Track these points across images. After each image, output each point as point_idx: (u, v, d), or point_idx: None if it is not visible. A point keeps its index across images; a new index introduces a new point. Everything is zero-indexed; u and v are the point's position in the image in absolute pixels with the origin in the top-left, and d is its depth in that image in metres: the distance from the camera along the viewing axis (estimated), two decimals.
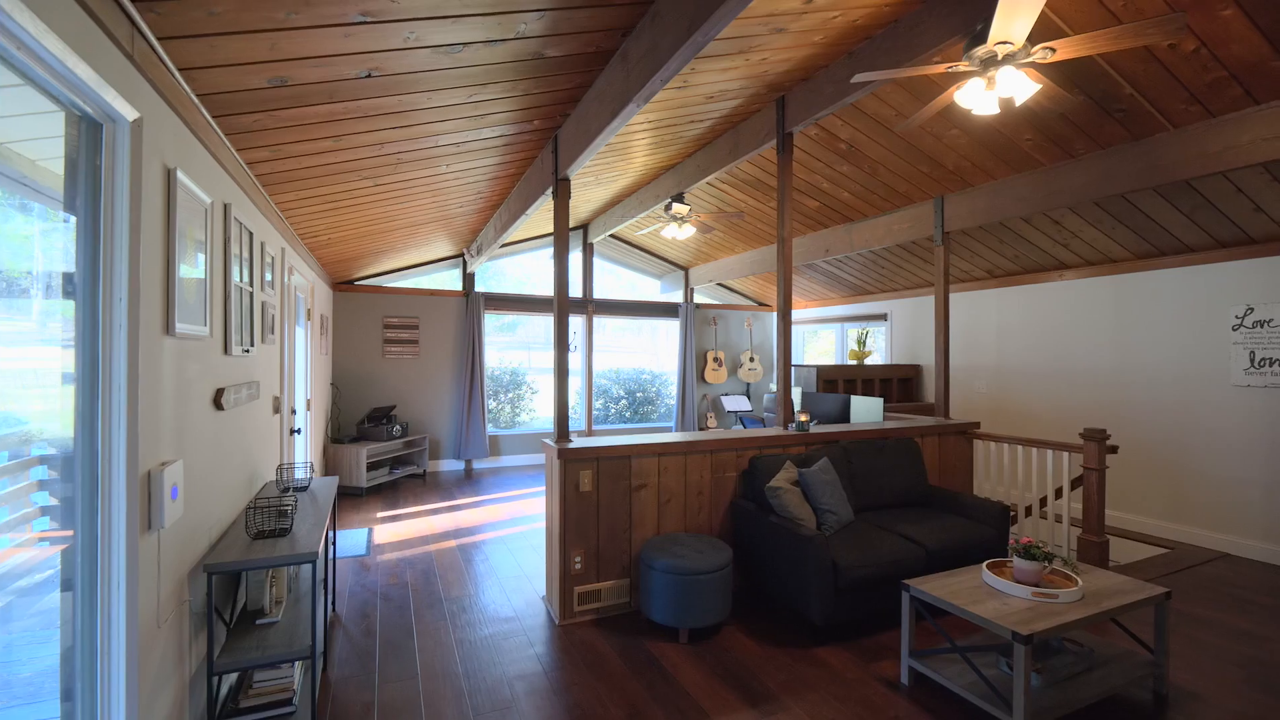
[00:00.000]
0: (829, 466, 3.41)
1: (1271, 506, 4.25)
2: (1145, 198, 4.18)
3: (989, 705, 2.23)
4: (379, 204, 4.14)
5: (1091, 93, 3.28)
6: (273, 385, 3.42)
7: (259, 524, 2.30)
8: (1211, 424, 4.58)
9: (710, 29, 2.06)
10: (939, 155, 4.28)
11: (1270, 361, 4.26)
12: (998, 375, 6.22)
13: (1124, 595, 2.45)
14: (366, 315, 6.81)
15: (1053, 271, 5.67)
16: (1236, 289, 4.47)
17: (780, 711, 2.38)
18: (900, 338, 7.49)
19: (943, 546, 3.19)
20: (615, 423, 8.60)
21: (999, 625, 2.19)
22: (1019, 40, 2.34)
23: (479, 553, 4.26)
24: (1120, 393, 5.16)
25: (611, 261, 8.66)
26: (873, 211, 5.46)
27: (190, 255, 2.00)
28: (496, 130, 3.37)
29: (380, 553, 4.23)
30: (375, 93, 2.49)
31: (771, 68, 3.36)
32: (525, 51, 2.49)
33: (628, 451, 3.28)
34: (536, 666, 2.72)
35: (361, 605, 3.36)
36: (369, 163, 3.28)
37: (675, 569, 2.89)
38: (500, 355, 7.86)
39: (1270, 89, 2.94)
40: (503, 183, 4.49)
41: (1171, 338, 4.83)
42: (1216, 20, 2.65)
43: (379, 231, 4.94)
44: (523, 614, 3.27)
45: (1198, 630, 3.12)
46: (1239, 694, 2.52)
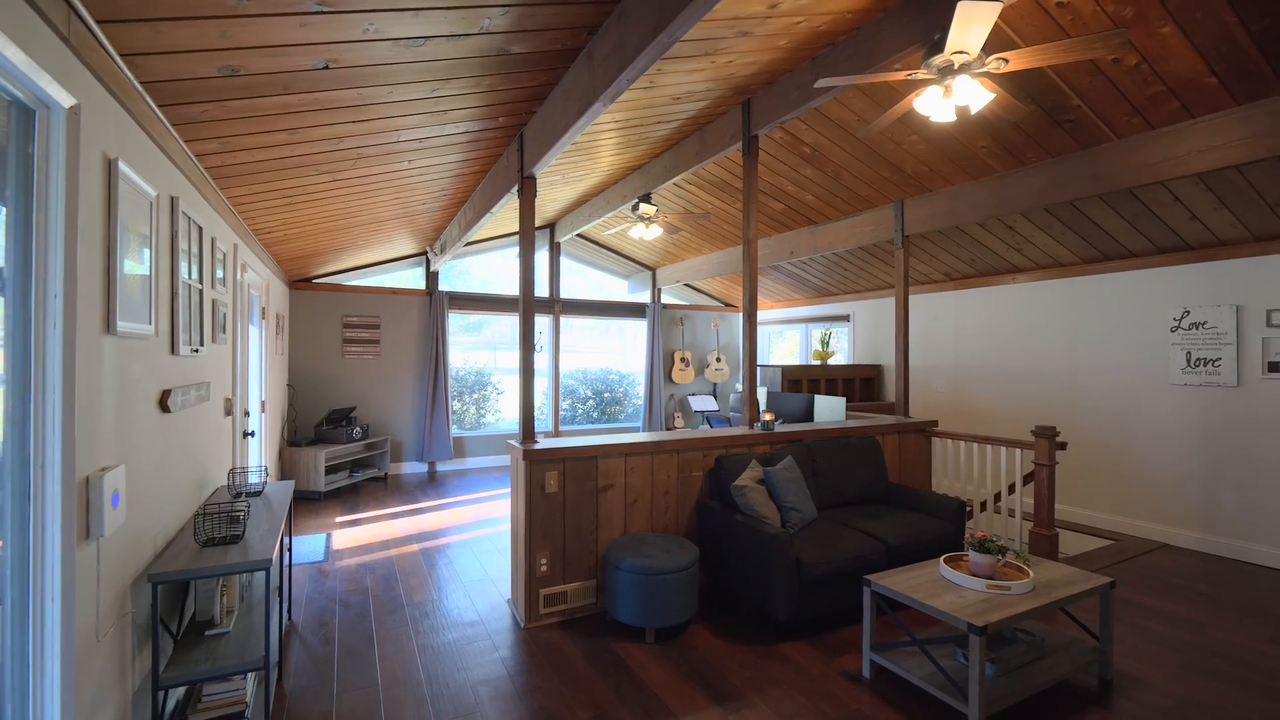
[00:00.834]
0: (793, 465, 3.46)
1: (1207, 499, 4.49)
2: (1092, 205, 4.37)
3: (946, 695, 2.29)
4: (338, 200, 4.03)
5: (1042, 103, 3.40)
6: (224, 386, 3.29)
7: (209, 531, 2.21)
8: (1152, 421, 4.81)
9: (676, 30, 2.07)
10: (899, 160, 4.39)
11: (1205, 361, 4.50)
12: (955, 375, 6.41)
13: (1072, 586, 2.55)
14: (325, 314, 6.62)
15: (1006, 275, 5.87)
16: (1174, 293, 4.71)
17: (746, 708, 2.40)
18: (862, 338, 7.66)
19: (903, 542, 3.27)
20: (583, 423, 8.56)
21: (955, 617, 2.26)
22: (974, 50, 2.42)
23: (442, 557, 4.18)
24: (1069, 391, 5.38)
25: (579, 261, 8.62)
26: (836, 214, 5.57)
27: (134, 250, 1.91)
28: (461, 126, 3.31)
29: (339, 558, 4.12)
30: (333, 85, 2.42)
31: (737, 70, 3.40)
32: (489, 47, 2.46)
33: (594, 452, 3.26)
34: (501, 671, 2.68)
35: (319, 613, 3.26)
36: (327, 157, 3.19)
37: (641, 569, 2.89)
38: (465, 355, 7.73)
39: (1205, 104, 3.11)
40: (467, 180, 4.42)
41: (1115, 339, 5.06)
42: (1156, 37, 2.78)
43: (338, 228, 4.81)
44: (487, 618, 3.22)
45: (1140, 617, 3.28)
46: (1179, 678, 2.65)
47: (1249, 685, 2.59)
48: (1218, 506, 4.43)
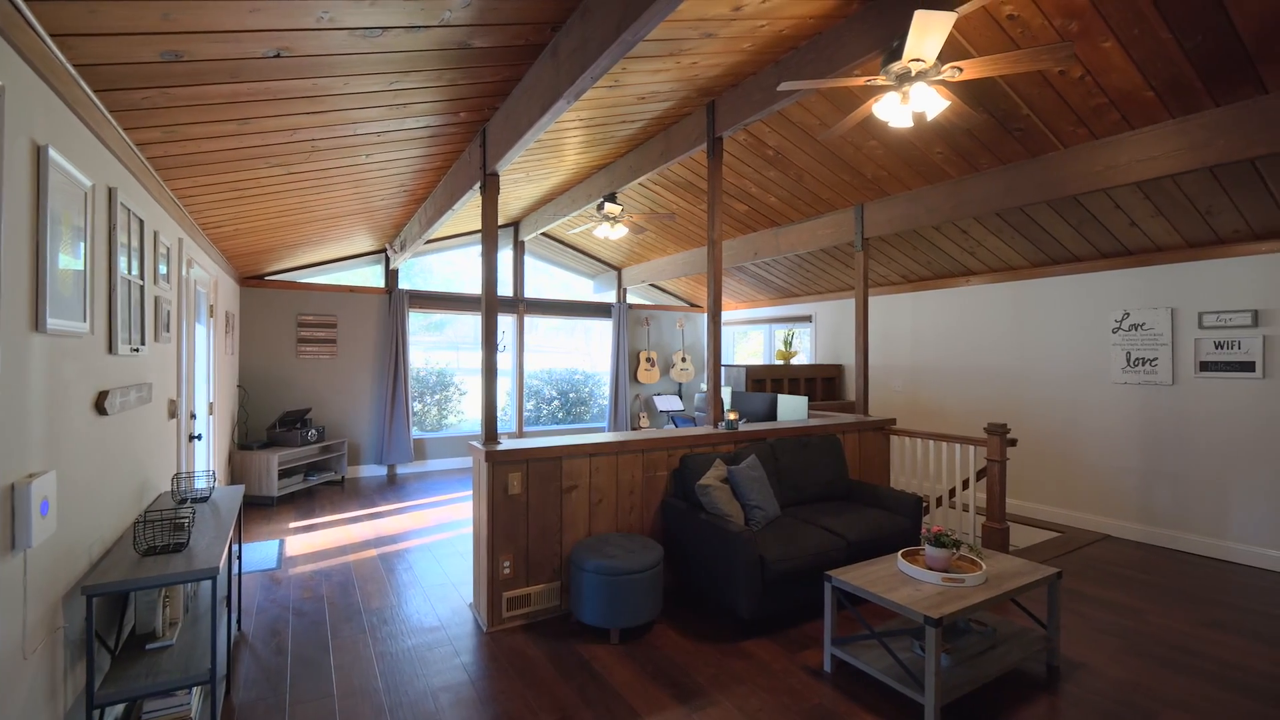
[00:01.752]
0: (757, 463, 3.49)
1: (1146, 491, 4.73)
2: (1040, 211, 4.55)
3: (903, 687, 2.35)
4: (292, 194, 3.89)
5: (994, 112, 3.53)
6: (168, 387, 3.14)
7: (149, 539, 2.10)
8: (1095, 418, 5.04)
9: (640, 29, 2.06)
10: (859, 165, 4.48)
11: (1143, 361, 4.73)
12: (912, 374, 6.59)
13: (1022, 577, 2.65)
14: (278, 313, 6.39)
15: (961, 277, 6.07)
16: (1115, 296, 4.94)
17: (710, 706, 2.41)
18: (824, 339, 7.81)
19: (862, 538, 3.34)
20: (547, 424, 8.49)
21: (912, 610, 2.32)
22: (930, 58, 2.48)
23: (402, 561, 4.08)
24: (1019, 390, 5.59)
25: (543, 260, 8.54)
26: (798, 216, 5.65)
27: (67, 243, 1.80)
28: (421, 121, 3.24)
29: (293, 565, 3.97)
30: (285, 74, 2.33)
31: (702, 72, 3.41)
32: (450, 40, 2.41)
33: (559, 453, 3.23)
34: (463, 676, 2.63)
35: (271, 622, 3.14)
36: (279, 149, 3.08)
37: (606, 569, 2.88)
38: (426, 355, 7.57)
39: (1143, 116, 3.27)
40: (428, 175, 4.32)
41: (1062, 340, 5.29)
42: (1099, 51, 2.91)
43: (292, 223, 4.64)
44: (449, 623, 3.16)
45: (1084, 606, 3.42)
46: (1120, 662, 2.78)
47: (1183, 667, 2.73)
48: (1155, 499, 4.67)
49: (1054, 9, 2.72)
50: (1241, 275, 4.27)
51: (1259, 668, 2.74)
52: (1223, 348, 4.33)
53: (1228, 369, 4.30)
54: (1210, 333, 4.39)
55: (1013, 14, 2.80)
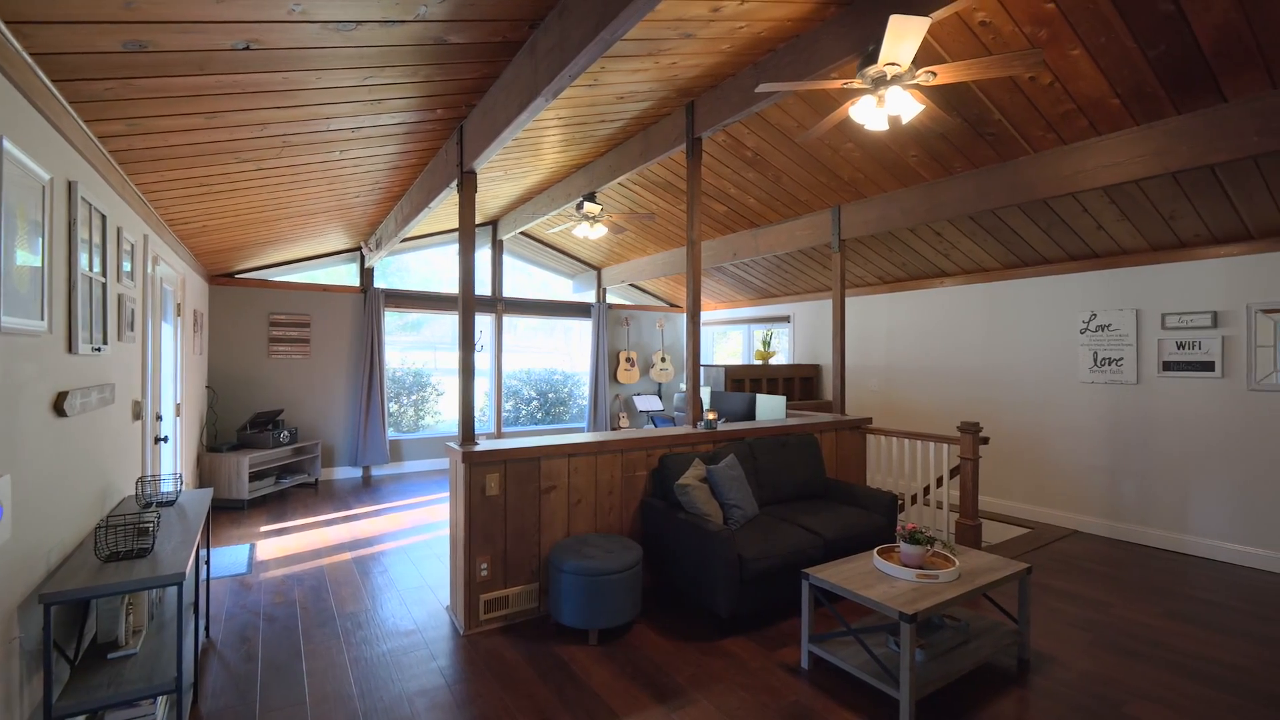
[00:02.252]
0: (735, 463, 3.51)
1: (1112, 488, 4.86)
2: (1011, 214, 4.65)
3: (879, 682, 2.38)
4: (262, 190, 3.80)
5: (967, 116, 3.59)
6: (132, 388, 3.05)
7: (112, 544, 2.03)
8: (1063, 417, 5.17)
9: (618, 27, 2.05)
10: (836, 167, 4.53)
11: (1109, 361, 4.86)
12: (888, 374, 6.69)
13: (994, 572, 2.70)
14: (249, 312, 6.24)
15: (935, 279, 6.17)
16: (1083, 297, 5.07)
17: (688, 705, 2.41)
18: (802, 339, 7.88)
19: (839, 535, 3.38)
20: (526, 424, 8.43)
21: (888, 607, 2.35)
22: (905, 63, 2.52)
23: (377, 565, 4.02)
24: (991, 389, 5.70)
25: (522, 260, 8.49)
26: (776, 218, 5.70)
27: (24, 239, 1.73)
28: (397, 117, 3.19)
29: (264, 570, 3.89)
30: (255, 67, 2.27)
31: (681, 72, 3.42)
32: (426, 35, 2.37)
33: (537, 453, 3.21)
34: (439, 680, 2.59)
35: (241, 628, 3.06)
36: (249, 144, 3.00)
37: (585, 570, 2.87)
38: (403, 356, 7.47)
39: (1109, 122, 3.36)
40: (404, 173, 4.26)
41: (1032, 340, 5.41)
42: (1067, 59, 2.98)
43: (263, 220, 4.54)
44: (425, 626, 3.11)
45: (1053, 600, 3.50)
46: (1087, 654, 2.85)
47: (1147, 658, 2.81)
48: (1120, 495, 4.80)
49: (1024, 16, 2.78)
50: (1202, 278, 4.41)
51: (1219, 657, 2.83)
52: (1184, 348, 4.47)
53: (1189, 369, 4.44)
54: (1172, 333, 4.53)
55: (985, 20, 2.86)
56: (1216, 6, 2.52)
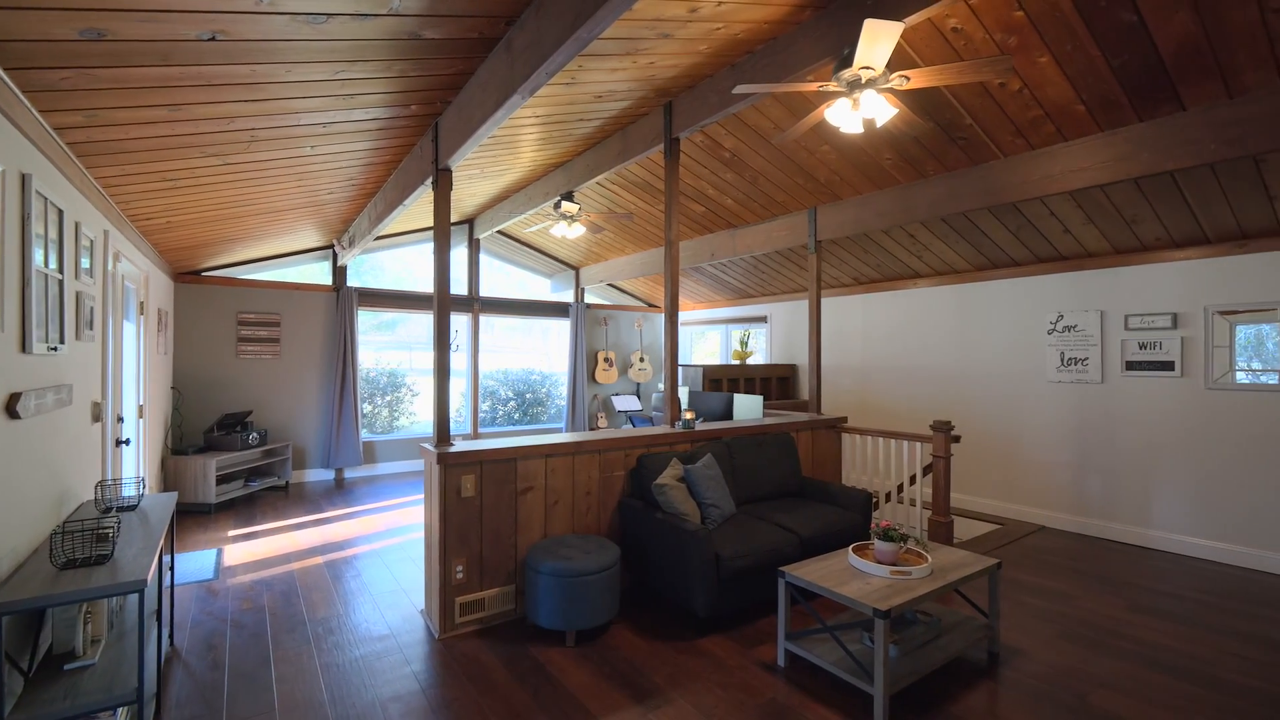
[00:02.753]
0: (713, 462, 3.52)
1: (1078, 485, 4.99)
2: (982, 217, 4.75)
3: (854, 678, 2.41)
4: (230, 186, 3.70)
5: (939, 120, 3.65)
6: (92, 389, 2.94)
7: (69, 551, 1.96)
8: (1031, 415, 5.29)
9: (595, 25, 2.04)
10: (812, 169, 4.58)
11: (1075, 361, 5.00)
12: (863, 373, 6.78)
13: (965, 568, 2.75)
14: (217, 310, 6.08)
15: (908, 280, 6.28)
16: (1050, 298, 5.20)
17: (665, 705, 2.41)
18: (779, 339, 7.95)
19: (815, 533, 3.41)
20: (503, 425, 8.36)
21: (862, 603, 2.37)
22: (879, 66, 2.55)
23: (350, 569, 3.94)
24: (962, 388, 5.82)
25: (499, 259, 8.41)
26: (754, 219, 5.73)
27: None
28: (370, 113, 3.13)
29: (232, 575, 3.79)
30: (221, 59, 2.21)
31: (659, 72, 3.42)
32: (400, 30, 2.33)
33: (513, 454, 3.18)
34: (413, 685, 2.55)
35: (207, 636, 2.98)
36: (216, 138, 2.92)
37: (562, 571, 2.85)
38: (377, 355, 7.34)
39: (1075, 128, 3.44)
40: (378, 169, 4.19)
41: (1001, 340, 5.53)
42: (1035, 66, 3.05)
43: (231, 217, 4.42)
44: (399, 631, 3.06)
45: (1022, 594, 3.59)
46: (1054, 646, 2.92)
47: (1111, 649, 2.89)
48: (1086, 491, 4.93)
49: (994, 24, 2.84)
50: (1163, 280, 4.56)
51: (1176, 646, 2.92)
52: (1146, 348, 4.61)
53: (1150, 368, 4.58)
54: (1135, 334, 4.67)
55: (957, 27, 2.91)
56: (1176, 19, 2.60)
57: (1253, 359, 4.16)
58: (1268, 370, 4.09)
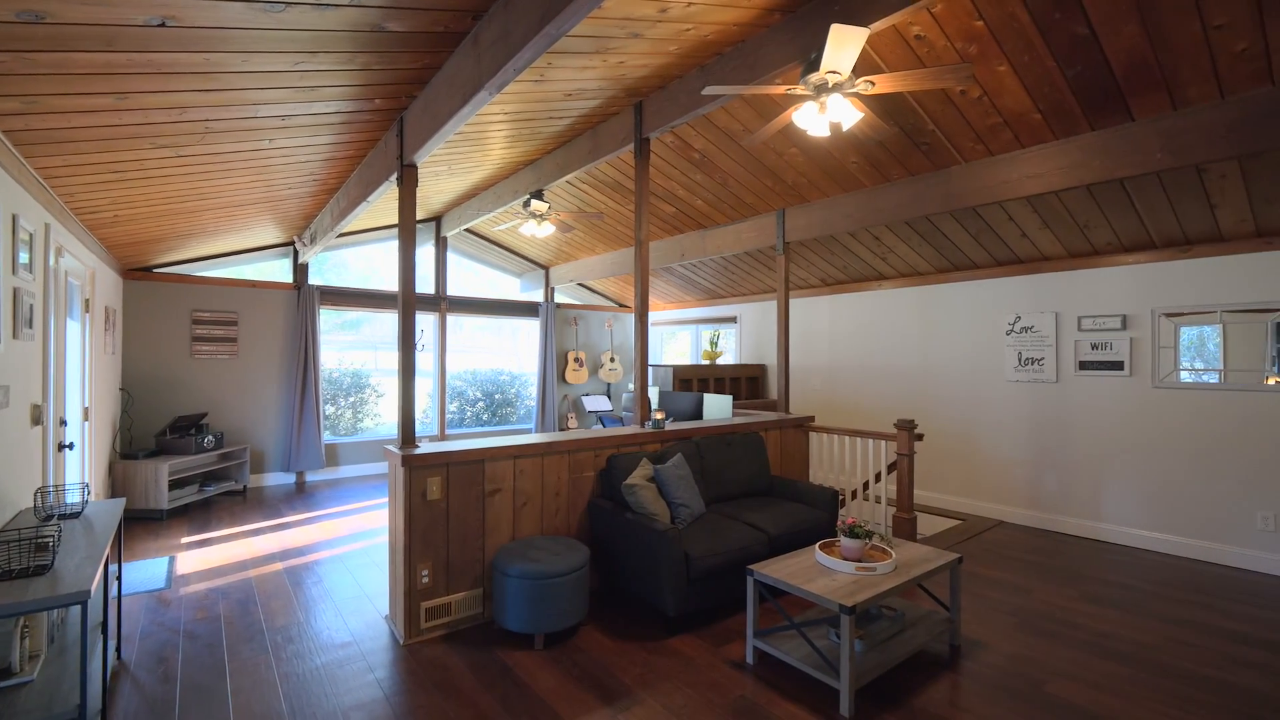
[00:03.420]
0: (682, 462, 3.53)
1: (1034, 481, 5.16)
2: (944, 220, 4.87)
3: (820, 674, 2.44)
4: (183, 179, 3.56)
5: (904, 126, 3.73)
6: (31, 391, 2.79)
7: (3, 562, 1.85)
8: (991, 414, 5.45)
9: (564, 22, 2.02)
10: (780, 171, 4.63)
11: (1032, 361, 5.17)
12: (830, 373, 6.89)
13: (928, 563, 2.82)
14: (170, 309, 5.85)
15: (873, 281, 6.40)
16: (1008, 301, 5.37)
17: (635, 706, 2.40)
18: (748, 339, 8.02)
19: (783, 531, 3.45)
20: (472, 426, 8.25)
21: (828, 600, 2.41)
22: (846, 71, 2.59)
23: (311, 575, 3.83)
24: (925, 387, 5.96)
25: (467, 257, 8.29)
26: (724, 220, 5.77)
27: None
28: (331, 106, 3.05)
29: (185, 584, 3.64)
30: (172, 46, 2.12)
31: (629, 72, 3.41)
32: (363, 21, 2.27)
33: (481, 455, 3.13)
34: (377, 693, 2.49)
35: (158, 647, 2.86)
36: (167, 129, 2.81)
37: (530, 574, 2.82)
38: (340, 356, 7.16)
39: (1032, 136, 3.56)
40: (341, 164, 4.08)
41: (962, 341, 5.68)
42: (994, 74, 3.14)
43: (184, 211, 4.26)
44: (362, 637, 2.99)
45: (982, 588, 3.69)
46: (1012, 638, 3.01)
47: (1065, 639, 2.99)
48: (1041, 487, 5.10)
49: (956, 32, 2.92)
50: (1113, 283, 4.74)
51: (1126, 635, 3.04)
52: (1098, 349, 4.79)
53: (1102, 368, 4.77)
54: (1088, 335, 4.85)
55: (920, 34, 2.97)
56: (1125, 33, 2.70)
57: (1195, 359, 4.37)
58: (1209, 370, 4.29)
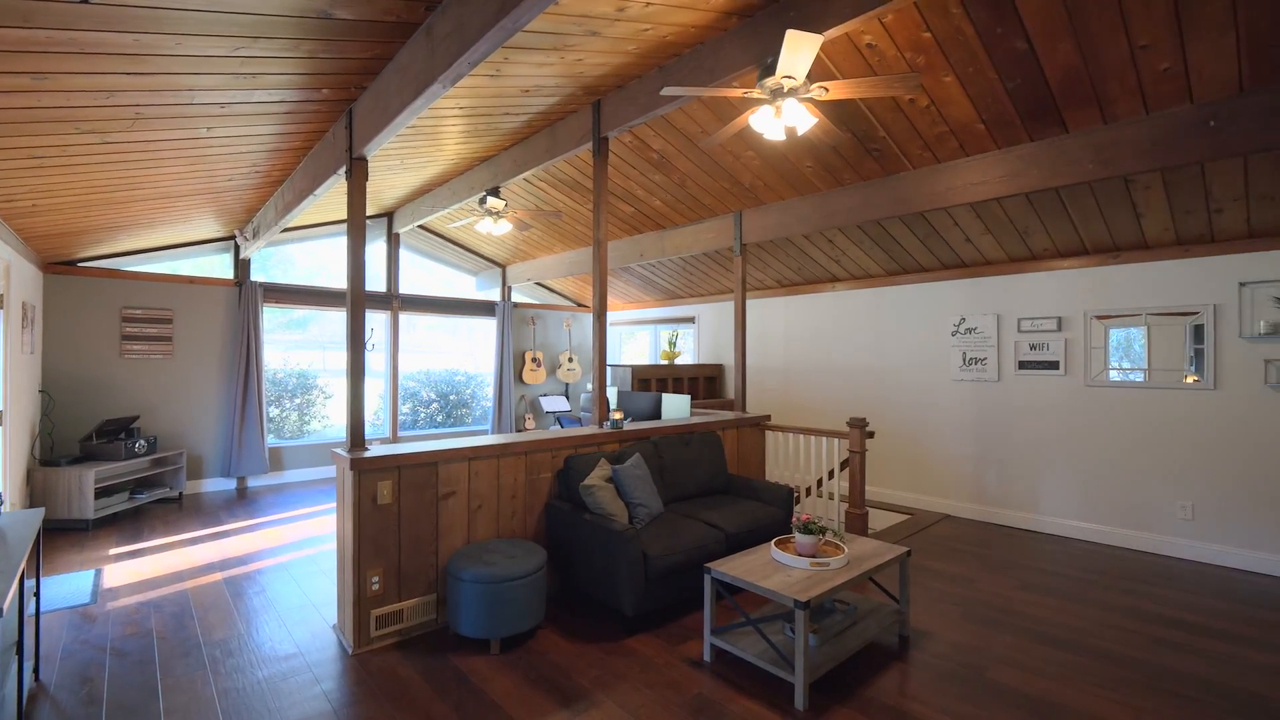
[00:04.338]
0: (641, 462, 3.53)
1: (978, 476, 5.38)
2: (894, 225, 5.02)
3: (776, 668, 2.47)
4: (111, 167, 3.35)
5: (856, 132, 3.83)
6: None
7: None
8: (937, 412, 5.66)
9: (520, 16, 1.99)
10: (738, 173, 4.69)
11: (976, 360, 5.39)
12: (786, 373, 7.02)
13: (878, 557, 2.90)
14: (97, 305, 5.49)
15: (827, 283, 6.56)
16: (954, 303, 5.58)
17: (592, 708, 2.39)
18: (706, 339, 8.10)
19: (740, 529, 3.49)
20: (425, 428, 8.05)
21: (783, 595, 2.45)
22: (800, 76, 2.64)
23: (253, 585, 3.66)
24: (876, 387, 6.14)
25: (421, 254, 8.09)
26: (682, 220, 5.81)
27: None
28: (275, 94, 2.92)
29: (113, 598, 3.42)
30: (97, 25, 1.99)
31: (587, 70, 3.39)
32: (308, 7, 2.18)
33: (434, 458, 3.06)
34: (324, 706, 2.40)
35: (82, 667, 2.67)
36: (92, 113, 2.63)
37: (485, 578, 2.76)
38: (285, 355, 6.87)
39: (975, 145, 3.71)
40: (285, 156, 3.92)
41: (911, 341, 5.88)
42: (941, 85, 3.26)
43: (112, 202, 4.00)
44: (308, 648, 2.87)
45: (929, 579, 3.82)
46: (957, 627, 3.13)
47: (1006, 626, 3.13)
48: (985, 481, 5.33)
49: (905, 43, 3.01)
50: (1049, 287, 4.99)
51: (1061, 621, 3.20)
52: (1036, 349, 5.04)
53: (1039, 367, 5.01)
54: (1026, 336, 5.09)
55: (871, 43, 3.06)
56: (1060, 49, 2.84)
57: (1123, 359, 4.64)
58: (1135, 369, 4.56)
